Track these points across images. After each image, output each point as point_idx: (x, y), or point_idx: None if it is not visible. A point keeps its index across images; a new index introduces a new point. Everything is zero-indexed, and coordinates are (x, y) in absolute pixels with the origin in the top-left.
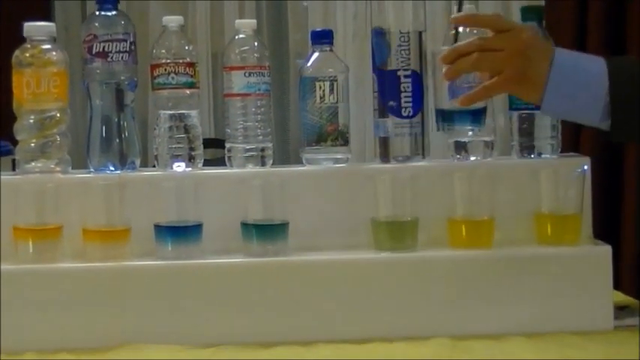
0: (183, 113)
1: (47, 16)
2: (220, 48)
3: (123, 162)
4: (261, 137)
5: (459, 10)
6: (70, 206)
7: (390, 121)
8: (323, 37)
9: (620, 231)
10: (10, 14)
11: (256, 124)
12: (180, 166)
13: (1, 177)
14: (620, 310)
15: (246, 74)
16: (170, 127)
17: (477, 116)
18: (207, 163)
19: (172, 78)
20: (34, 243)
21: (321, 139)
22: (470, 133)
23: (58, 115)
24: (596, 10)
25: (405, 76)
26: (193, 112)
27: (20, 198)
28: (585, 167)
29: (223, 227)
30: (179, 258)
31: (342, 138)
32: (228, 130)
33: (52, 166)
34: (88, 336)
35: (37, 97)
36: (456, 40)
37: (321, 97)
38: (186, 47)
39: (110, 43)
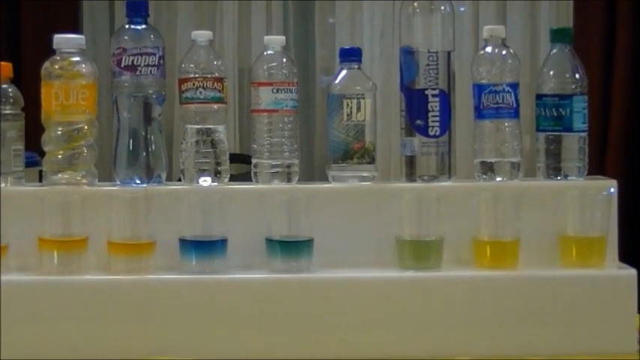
0: (210, 128)
1: (75, 29)
2: (247, 63)
3: (149, 175)
4: (287, 154)
5: None
6: (95, 218)
7: (417, 140)
8: (351, 55)
9: None
10: (39, 26)
11: (283, 140)
12: (206, 181)
13: (28, 188)
14: None
15: (274, 90)
16: (197, 142)
17: None
18: (232, 178)
19: (200, 93)
20: (59, 254)
21: (348, 157)
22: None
23: (86, 127)
24: (623, 32)
25: (433, 95)
26: (220, 127)
27: (46, 209)
28: (612, 190)
29: (248, 243)
30: (203, 272)
31: (368, 156)
32: (255, 146)
33: (79, 178)
34: (111, 349)
35: (66, 109)
36: None
37: (348, 115)
38: (215, 62)
39: (139, 57)
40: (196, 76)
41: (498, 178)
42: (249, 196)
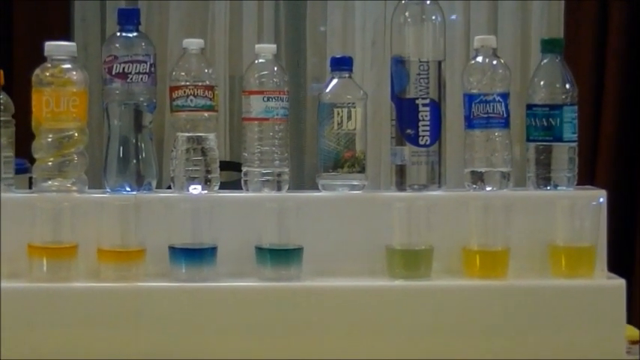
0: (200, 136)
1: (66, 36)
2: (238, 71)
3: (139, 183)
4: (277, 162)
5: None
6: (85, 226)
7: (407, 149)
8: (342, 64)
9: (634, 264)
10: (30, 33)
11: (273, 148)
12: (196, 189)
13: (18, 195)
14: (633, 344)
15: (265, 99)
16: (187, 150)
17: None
18: (223, 186)
19: (191, 101)
20: (48, 261)
21: (338, 166)
22: None
23: (77, 134)
24: (614, 42)
25: (424, 105)
26: (211, 135)
27: (36, 216)
28: (601, 200)
29: (238, 251)
30: (193, 280)
31: (358, 165)
32: (245, 154)
33: (69, 185)
34: (100, 356)
35: (56, 116)
36: None
37: (338, 124)
38: (206, 70)
39: (130, 64)
40: (187, 84)
41: (488, 188)
42: (240, 204)
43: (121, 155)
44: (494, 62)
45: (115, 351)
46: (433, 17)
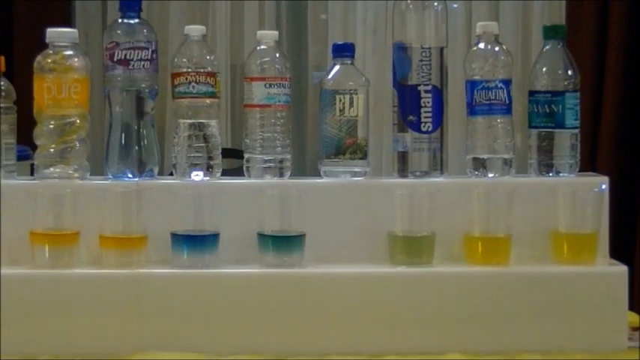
0: (202, 122)
1: (68, 22)
2: (239, 59)
3: (141, 170)
4: (279, 148)
5: None
6: (87, 212)
7: (409, 135)
8: (344, 50)
9: (634, 251)
10: (31, 20)
11: (275, 135)
12: (198, 175)
13: (20, 182)
14: (634, 330)
15: (267, 85)
16: (189, 136)
17: None
18: (225, 173)
19: (193, 87)
20: (50, 248)
21: (340, 152)
22: None
23: (78, 121)
24: (615, 30)
25: (426, 91)
26: (213, 122)
27: (38, 203)
28: (603, 187)
29: (240, 237)
30: (195, 267)
31: (360, 151)
32: (247, 141)
33: (71, 172)
34: (102, 343)
35: (58, 103)
36: None
37: (340, 110)
38: (208, 57)
39: (132, 51)
40: (189, 70)
41: (490, 175)
42: (242, 191)
43: (123, 142)
44: (496, 49)
45: (117, 337)
46: (435, 4)
